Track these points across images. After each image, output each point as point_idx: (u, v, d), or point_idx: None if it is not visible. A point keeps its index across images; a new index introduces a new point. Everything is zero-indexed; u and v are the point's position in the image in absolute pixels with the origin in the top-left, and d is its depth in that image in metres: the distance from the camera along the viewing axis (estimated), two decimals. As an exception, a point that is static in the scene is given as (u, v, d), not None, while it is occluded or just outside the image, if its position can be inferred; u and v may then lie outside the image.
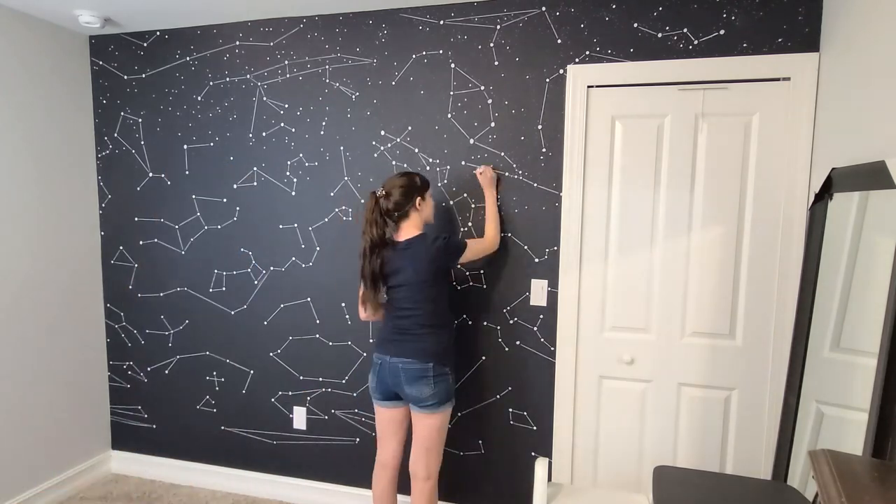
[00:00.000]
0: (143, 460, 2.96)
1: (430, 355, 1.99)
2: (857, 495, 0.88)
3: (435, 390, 1.99)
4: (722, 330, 2.16)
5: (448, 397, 2.04)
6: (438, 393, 2.00)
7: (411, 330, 2.02)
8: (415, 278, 2.00)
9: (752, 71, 2.03)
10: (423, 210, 2.07)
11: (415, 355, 1.99)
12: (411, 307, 2.02)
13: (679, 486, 1.59)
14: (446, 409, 2.05)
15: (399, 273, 2.01)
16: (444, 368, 2.02)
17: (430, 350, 2.00)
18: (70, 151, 2.74)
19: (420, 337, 2.01)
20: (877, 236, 1.44)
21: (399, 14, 2.38)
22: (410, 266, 2.00)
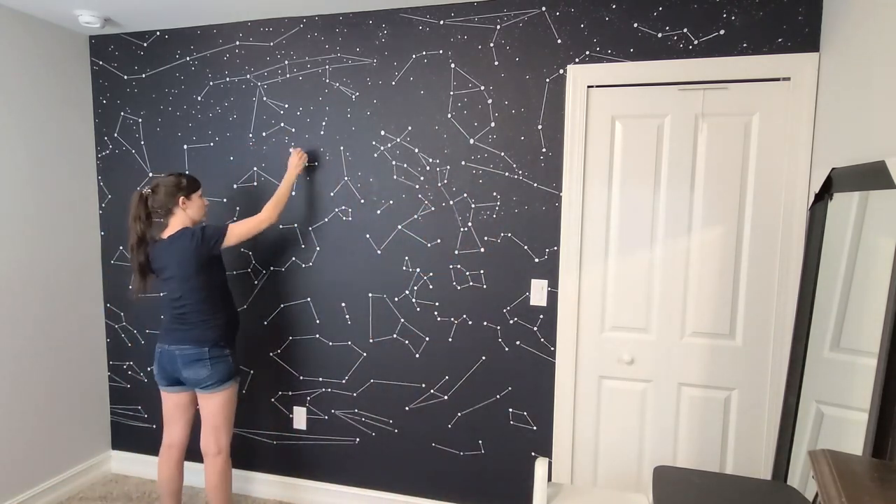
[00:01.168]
0: (143, 460, 2.96)
1: (205, 340, 2.14)
2: (857, 495, 0.88)
3: (212, 371, 2.14)
4: (722, 330, 2.16)
5: (228, 376, 2.19)
6: (216, 373, 2.15)
7: (187, 319, 2.15)
8: (179, 272, 2.13)
9: (752, 71, 2.03)
10: (189, 209, 2.19)
11: (190, 342, 2.14)
12: (182, 297, 2.15)
13: (679, 486, 1.59)
14: (228, 388, 2.19)
15: (167, 268, 2.15)
16: (222, 350, 2.17)
17: (204, 336, 2.14)
18: (70, 151, 2.74)
19: (195, 325, 2.15)
20: (877, 236, 1.44)
21: (399, 14, 2.38)
22: (174, 262, 2.13)
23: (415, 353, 2.50)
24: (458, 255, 2.40)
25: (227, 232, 2.18)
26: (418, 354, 2.50)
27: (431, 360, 2.48)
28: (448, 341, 2.45)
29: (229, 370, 2.19)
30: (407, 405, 2.54)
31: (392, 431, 2.57)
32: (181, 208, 2.18)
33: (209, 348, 2.14)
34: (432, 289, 2.45)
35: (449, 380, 2.47)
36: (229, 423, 2.24)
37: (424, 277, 2.45)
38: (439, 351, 2.47)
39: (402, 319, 2.50)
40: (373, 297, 2.53)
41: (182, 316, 2.16)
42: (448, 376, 2.47)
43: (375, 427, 2.59)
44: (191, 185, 2.21)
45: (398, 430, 2.56)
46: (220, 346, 2.17)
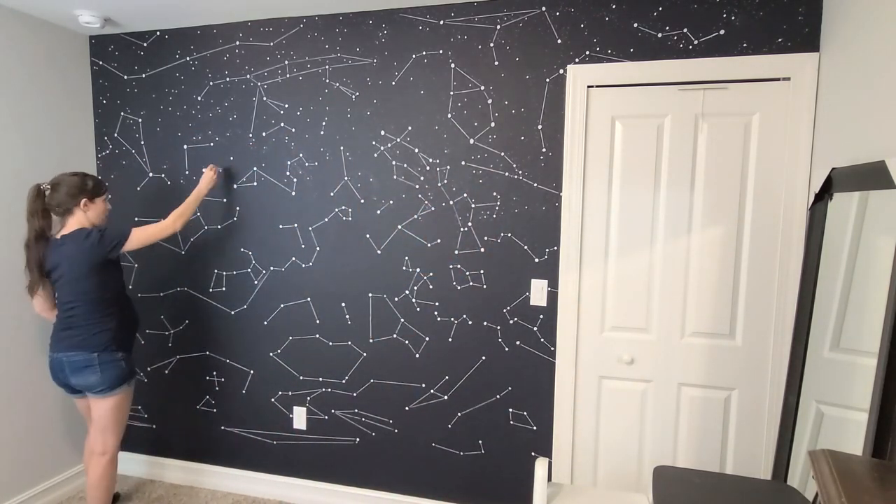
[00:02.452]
0: (143, 460, 2.96)
1: (94, 346, 2.11)
2: (857, 495, 0.88)
3: (101, 377, 2.12)
4: (722, 330, 2.16)
5: (120, 381, 2.17)
6: (107, 379, 2.13)
7: (76, 324, 2.12)
8: (71, 273, 2.08)
9: (752, 71, 2.03)
10: (90, 212, 2.14)
11: (79, 347, 2.10)
12: (72, 300, 2.11)
13: (679, 486, 1.59)
14: (120, 392, 2.18)
15: (58, 268, 2.10)
16: (113, 355, 2.15)
17: (93, 341, 2.11)
18: (70, 151, 2.74)
19: (83, 329, 2.11)
20: (877, 236, 1.44)
21: (399, 14, 2.38)
22: (66, 261, 2.08)
23: (415, 353, 2.50)
24: (458, 255, 2.40)
25: (130, 236, 2.15)
26: (418, 354, 2.50)
27: (431, 360, 2.48)
28: (448, 341, 2.45)
29: (121, 374, 2.17)
30: (407, 405, 2.54)
31: (392, 431, 2.57)
32: (81, 210, 2.12)
33: (98, 353, 2.11)
34: (432, 289, 2.45)
35: (449, 380, 2.47)
36: (119, 426, 2.24)
37: (424, 277, 2.45)
38: (439, 351, 2.47)
39: (402, 319, 2.50)
40: (373, 297, 2.53)
41: (70, 319, 2.12)
42: (448, 376, 2.47)
43: (375, 427, 2.59)
44: (96, 187, 2.16)
45: (398, 430, 2.56)
46: (110, 350, 2.14)
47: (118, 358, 2.17)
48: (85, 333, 2.11)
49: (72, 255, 2.07)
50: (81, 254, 2.07)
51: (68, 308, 2.12)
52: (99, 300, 2.13)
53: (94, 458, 2.22)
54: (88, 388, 2.14)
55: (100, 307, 2.13)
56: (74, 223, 2.13)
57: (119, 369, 2.16)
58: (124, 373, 2.18)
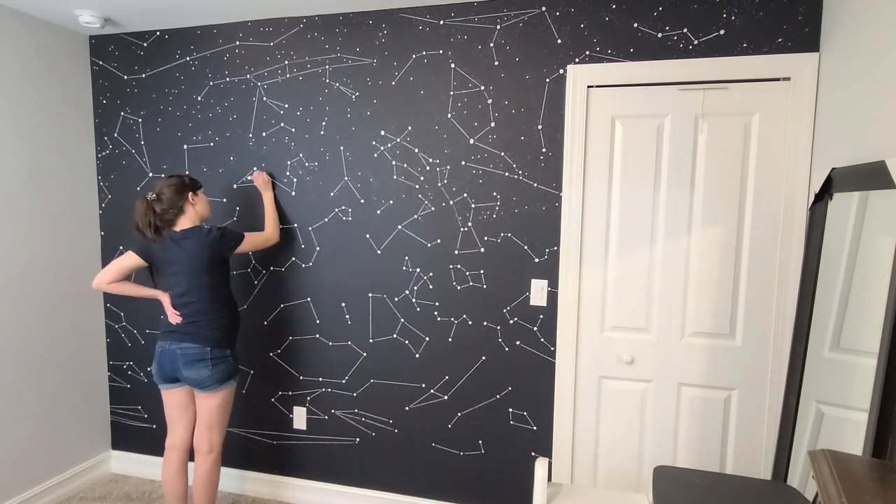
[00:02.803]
0: (143, 460, 2.96)
1: (207, 340, 2.15)
2: (857, 495, 0.88)
3: (213, 371, 2.15)
4: (722, 330, 2.16)
5: (228, 377, 2.20)
6: (216, 374, 2.16)
7: (189, 316, 2.15)
8: (190, 267, 2.14)
9: (752, 71, 2.03)
10: (198, 205, 2.22)
11: (192, 340, 2.14)
12: (188, 294, 2.15)
13: (679, 486, 1.59)
14: (227, 388, 2.22)
15: (175, 263, 2.15)
16: (223, 351, 2.18)
17: (207, 335, 2.15)
18: (70, 151, 2.74)
19: (197, 323, 2.15)
20: (877, 236, 1.44)
21: (399, 14, 2.38)
22: (186, 256, 2.13)
23: (415, 353, 2.50)
24: (458, 255, 2.40)
25: (245, 239, 2.26)
26: (418, 354, 2.50)
27: (431, 360, 2.48)
28: (448, 341, 2.45)
29: (229, 371, 2.20)
30: (407, 405, 2.54)
31: (392, 431, 2.57)
32: (191, 204, 2.19)
33: (211, 348, 2.15)
34: (432, 289, 2.45)
35: (449, 380, 2.47)
36: (224, 423, 2.26)
37: (424, 277, 2.45)
38: (439, 351, 2.47)
39: (402, 319, 2.50)
40: (373, 297, 2.53)
41: (185, 314, 2.16)
42: (448, 376, 2.47)
43: (375, 427, 2.59)
44: (194, 182, 2.24)
45: (398, 430, 2.56)
46: (222, 346, 2.18)
47: (227, 354, 2.20)
48: (200, 327, 2.15)
49: (193, 249, 2.13)
50: (202, 245, 2.13)
51: (184, 301, 2.16)
52: (214, 296, 2.18)
53: (200, 456, 2.23)
54: (198, 383, 2.15)
55: (212, 303, 2.17)
56: (186, 220, 2.18)
57: (228, 365, 2.19)
58: (232, 369, 2.22)
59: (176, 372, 2.17)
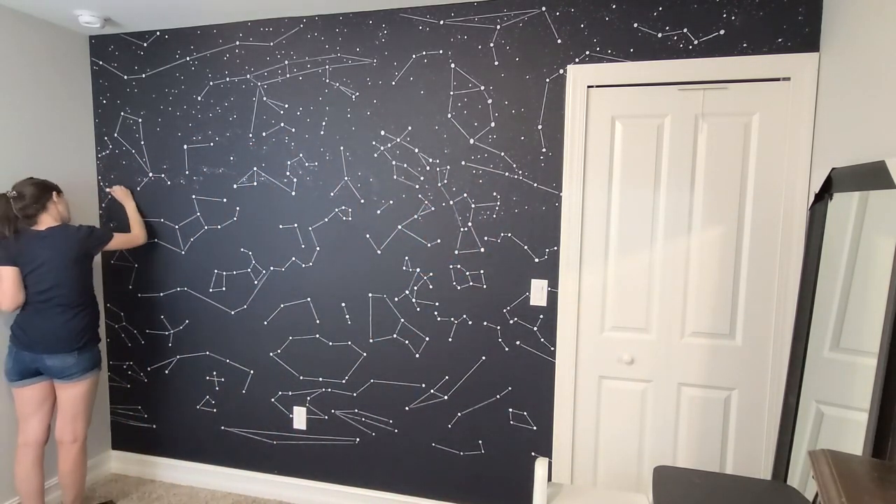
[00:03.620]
0: (143, 460, 2.96)
1: (73, 331, 2.23)
2: (857, 495, 0.88)
3: (78, 359, 2.23)
4: (722, 330, 2.16)
5: (93, 365, 2.31)
6: (82, 361, 2.25)
7: (59, 310, 2.22)
8: (57, 262, 2.21)
9: (752, 71, 2.03)
10: (61, 206, 2.31)
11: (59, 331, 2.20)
12: (55, 287, 2.21)
13: (679, 486, 1.59)
14: (91, 377, 2.30)
15: (38, 259, 2.20)
16: (89, 341, 2.29)
17: (74, 328, 2.23)
18: (70, 151, 2.74)
19: (68, 317, 2.22)
20: (877, 236, 1.44)
21: (399, 14, 2.38)
22: (51, 251, 2.21)
23: (415, 353, 2.50)
24: (458, 255, 2.40)
25: (113, 239, 2.42)
26: (418, 354, 2.50)
27: (431, 360, 2.48)
28: (448, 341, 2.45)
29: (95, 359, 2.31)
30: (407, 405, 2.54)
31: (392, 431, 2.57)
32: (54, 203, 2.27)
33: (77, 338, 2.23)
34: (432, 289, 2.45)
35: (449, 380, 2.47)
36: (89, 412, 2.34)
37: (424, 277, 2.45)
38: (439, 351, 2.47)
39: (402, 319, 2.50)
40: (373, 297, 2.53)
41: (49, 308, 2.21)
42: (448, 376, 2.47)
43: (375, 427, 2.59)
44: (54, 185, 2.31)
45: (398, 430, 2.56)
46: (90, 339, 2.29)
47: (94, 344, 2.32)
48: (68, 321, 2.22)
49: (59, 245, 2.21)
50: (70, 241, 2.24)
51: (49, 295, 2.21)
52: (81, 289, 2.27)
53: (65, 447, 2.28)
54: (62, 371, 2.21)
55: (79, 295, 2.26)
56: (49, 218, 2.26)
57: (92, 353, 2.30)
58: (97, 358, 2.33)
59: (38, 363, 2.21)
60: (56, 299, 2.21)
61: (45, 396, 2.29)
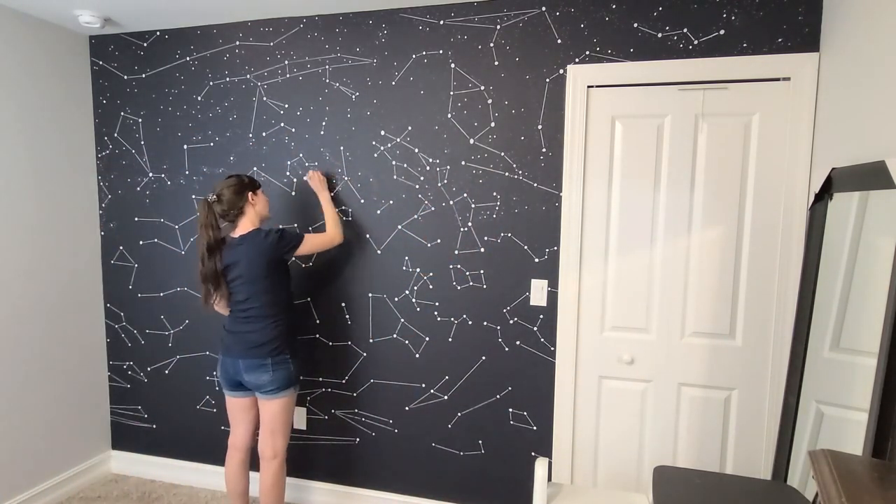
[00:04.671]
0: (143, 460, 2.96)
1: (268, 346, 2.12)
2: (857, 495, 0.88)
3: (273, 377, 2.12)
4: (722, 330, 2.16)
5: (288, 383, 2.17)
6: (277, 379, 2.13)
7: (249, 321, 2.14)
8: (249, 271, 2.11)
9: (752, 71, 2.03)
10: (258, 206, 2.19)
11: (254, 346, 2.12)
12: (248, 300, 2.14)
13: (679, 486, 1.59)
14: (288, 394, 2.19)
15: (234, 267, 2.12)
16: (282, 356, 2.15)
17: (266, 340, 2.12)
18: (70, 151, 2.74)
19: (256, 329, 2.13)
20: (877, 236, 1.44)
21: (399, 14, 2.38)
22: (244, 260, 2.11)
23: (415, 353, 2.50)
24: (458, 255, 2.40)
25: (304, 240, 2.20)
26: (418, 354, 2.50)
27: (431, 360, 2.48)
28: (448, 341, 2.45)
29: (289, 377, 2.16)
30: (407, 405, 2.54)
31: (392, 431, 2.57)
32: (251, 204, 2.16)
33: (271, 353, 2.12)
34: (432, 289, 2.45)
35: (449, 380, 2.47)
36: (286, 429, 2.23)
37: (424, 277, 2.45)
38: (439, 351, 2.47)
39: (402, 319, 2.50)
40: (373, 297, 2.53)
41: (246, 319, 2.14)
42: (448, 376, 2.47)
43: (375, 427, 2.59)
44: (252, 182, 2.21)
45: (398, 430, 2.56)
46: (280, 351, 2.14)
47: (286, 359, 2.16)
48: (259, 333, 2.12)
49: (251, 253, 2.10)
50: (260, 249, 2.10)
51: (244, 307, 2.14)
52: (272, 301, 2.14)
53: (264, 462, 2.20)
54: (258, 388, 2.14)
55: (272, 307, 2.14)
56: (246, 222, 2.16)
57: (287, 370, 2.15)
58: (292, 376, 2.18)
59: (238, 376, 2.16)
60: (251, 311, 2.13)
61: (249, 406, 2.26)
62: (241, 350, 2.14)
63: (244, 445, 2.30)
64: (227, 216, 2.15)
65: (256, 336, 2.12)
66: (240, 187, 2.15)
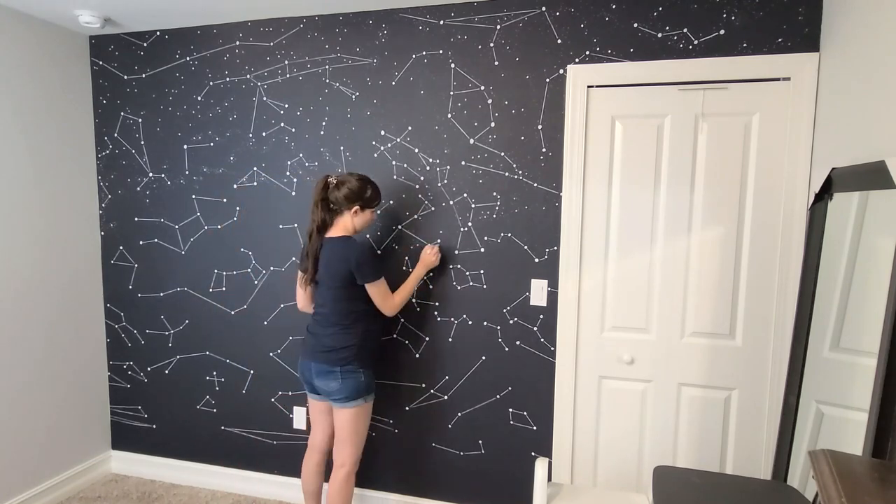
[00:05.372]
0: (143, 460, 2.96)
1: (336, 354, 2.08)
2: (857, 495, 0.88)
3: (342, 386, 2.08)
4: (722, 330, 2.16)
5: (357, 394, 2.10)
6: (345, 388, 2.08)
7: (322, 326, 2.12)
8: (328, 275, 2.08)
9: (752, 71, 2.03)
10: (357, 219, 2.13)
11: (323, 352, 2.10)
12: (323, 303, 2.12)
13: (679, 486, 1.59)
14: (358, 405, 2.12)
15: (321, 267, 2.10)
16: (353, 367, 2.09)
17: (335, 347, 2.08)
18: (70, 151, 2.74)
19: (330, 336, 2.10)
20: (877, 236, 1.44)
21: (399, 14, 2.38)
22: (326, 262, 2.09)
23: (415, 353, 2.50)
24: (458, 255, 2.40)
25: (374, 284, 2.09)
26: (418, 354, 2.50)
27: (431, 360, 2.48)
28: (448, 341, 2.45)
29: (358, 388, 2.10)
30: (407, 405, 2.54)
31: (392, 431, 2.57)
32: (350, 214, 2.11)
33: (340, 364, 2.08)
34: (432, 289, 2.45)
35: (449, 380, 2.47)
36: (356, 440, 2.16)
37: (424, 277, 2.45)
38: (439, 351, 2.47)
39: (402, 319, 2.50)
40: (373, 297, 2.52)
41: (320, 322, 2.13)
42: (448, 376, 2.47)
43: (375, 427, 2.59)
44: (373, 196, 2.14)
45: (398, 430, 2.56)
46: (350, 362, 2.08)
47: (358, 371, 2.09)
48: (330, 339, 2.09)
49: (334, 257, 2.07)
50: (342, 257, 2.06)
51: (319, 312, 2.14)
52: (344, 310, 2.10)
53: (333, 470, 2.18)
54: (329, 395, 2.12)
55: (343, 316, 2.10)
56: (340, 225, 2.12)
57: (357, 381, 2.09)
58: (361, 387, 2.10)
59: (311, 381, 2.16)
60: (327, 316, 2.10)
61: (326, 410, 2.24)
62: (313, 353, 2.12)
63: (321, 448, 2.29)
64: (329, 206, 2.12)
65: (329, 341, 2.09)
66: (355, 195, 2.08)
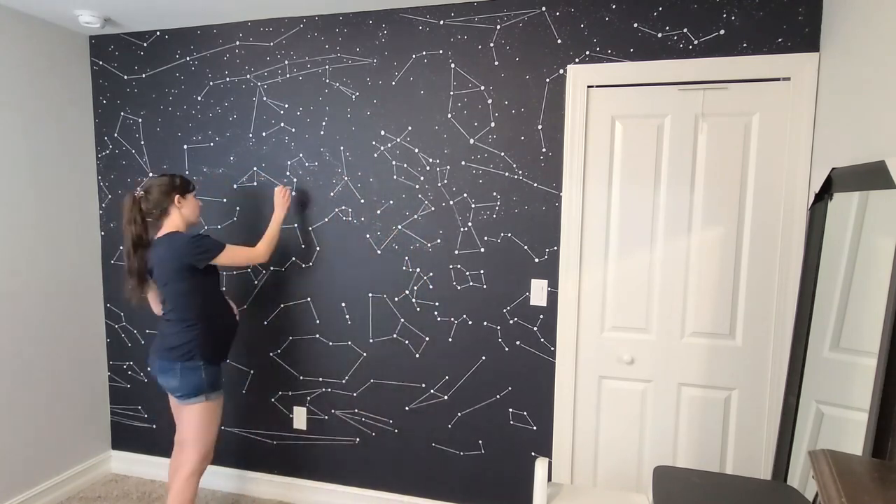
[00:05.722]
0: (143, 460, 2.96)
1: (175, 349, 2.06)
2: (857, 495, 0.88)
3: (181, 382, 2.05)
4: (722, 330, 2.16)
5: (198, 391, 2.06)
6: (185, 385, 2.05)
7: (168, 324, 2.11)
8: (162, 273, 2.07)
9: (752, 71, 2.03)
10: (184, 209, 2.13)
11: (166, 350, 2.08)
12: (165, 300, 2.11)
13: (679, 486, 1.59)
14: (199, 402, 2.08)
15: (155, 268, 2.09)
16: (193, 362, 2.06)
17: (176, 344, 2.06)
18: (70, 151, 2.74)
19: (172, 334, 2.08)
20: (877, 236, 1.44)
21: (399, 14, 2.38)
22: (158, 262, 2.07)
23: (415, 353, 2.50)
24: (458, 255, 2.40)
25: (224, 250, 2.11)
26: (418, 354, 2.50)
27: (431, 360, 2.48)
28: (448, 341, 2.45)
29: (199, 384, 2.06)
30: (407, 405, 2.54)
31: (392, 431, 2.57)
32: (176, 207, 2.11)
33: (181, 360, 2.05)
34: (432, 289, 2.45)
35: (449, 380, 2.47)
36: (199, 440, 2.10)
37: (424, 277, 2.45)
38: (439, 351, 2.47)
39: (402, 319, 2.50)
40: (373, 297, 2.53)
41: (166, 322, 2.12)
42: (448, 376, 2.47)
43: (375, 427, 2.59)
44: (184, 184, 2.16)
45: (398, 430, 2.56)
46: (191, 358, 2.05)
47: (197, 366, 2.06)
48: (172, 337, 2.07)
49: (164, 255, 2.04)
50: (172, 252, 2.03)
51: (166, 309, 2.12)
52: (184, 305, 2.07)
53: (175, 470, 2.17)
54: (171, 391, 2.10)
55: (184, 311, 2.07)
56: (170, 224, 2.11)
57: (197, 378, 2.05)
58: (201, 384, 2.06)
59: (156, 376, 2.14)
60: (169, 313, 2.09)
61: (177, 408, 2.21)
62: (157, 350, 2.11)
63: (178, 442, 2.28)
64: (151, 214, 2.10)
65: (172, 339, 2.07)
66: (168, 187, 2.10)
